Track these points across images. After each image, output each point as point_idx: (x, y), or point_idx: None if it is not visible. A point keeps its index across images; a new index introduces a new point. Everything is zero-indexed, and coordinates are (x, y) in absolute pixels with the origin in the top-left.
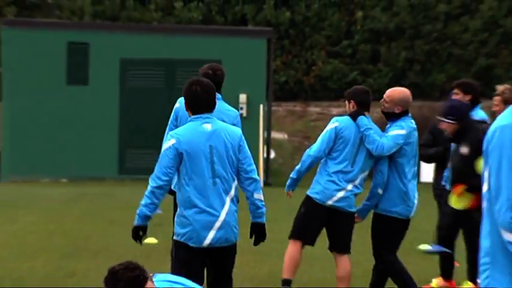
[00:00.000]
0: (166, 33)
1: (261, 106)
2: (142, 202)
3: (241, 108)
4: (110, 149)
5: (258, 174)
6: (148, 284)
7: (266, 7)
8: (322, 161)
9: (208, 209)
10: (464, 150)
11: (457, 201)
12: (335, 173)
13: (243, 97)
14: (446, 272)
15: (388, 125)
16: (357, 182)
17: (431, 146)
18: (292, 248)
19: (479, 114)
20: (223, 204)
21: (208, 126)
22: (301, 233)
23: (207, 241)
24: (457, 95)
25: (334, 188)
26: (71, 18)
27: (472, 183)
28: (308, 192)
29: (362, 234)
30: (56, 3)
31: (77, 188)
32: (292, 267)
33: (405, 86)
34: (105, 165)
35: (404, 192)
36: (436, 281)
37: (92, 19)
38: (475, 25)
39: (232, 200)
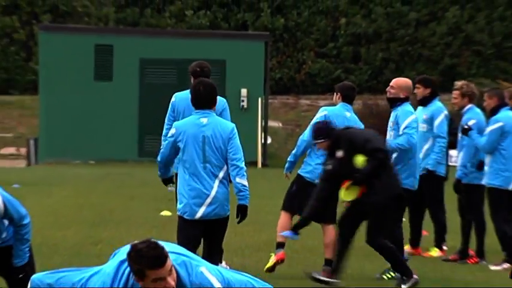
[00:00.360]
0: (179, 37)
1: (259, 99)
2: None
3: (243, 101)
4: (131, 135)
5: (256, 158)
6: (168, 261)
7: (264, 15)
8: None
9: (199, 188)
10: (339, 154)
11: (347, 194)
12: (323, 155)
13: (244, 91)
14: (414, 241)
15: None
16: None
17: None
18: (284, 218)
19: (436, 105)
20: (212, 184)
21: (204, 120)
22: (292, 206)
23: (199, 214)
24: (419, 89)
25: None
26: (97, 24)
27: (355, 177)
28: (299, 172)
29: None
30: (85, 11)
31: (103, 168)
32: None
33: (381, 83)
34: (126, 149)
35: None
36: (405, 248)
37: (116, 25)
38: (441, 30)
39: (221, 181)
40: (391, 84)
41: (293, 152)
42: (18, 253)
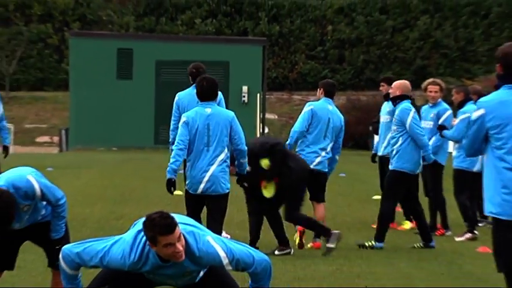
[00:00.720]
0: (189, 42)
1: (258, 95)
2: (170, 161)
3: (244, 97)
4: (148, 125)
5: None
6: (177, 229)
7: (262, 23)
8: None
9: (200, 167)
10: (248, 169)
11: (267, 192)
12: (312, 144)
13: (245, 88)
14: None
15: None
16: (328, 149)
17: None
18: None
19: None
20: (211, 165)
21: (208, 110)
22: None
23: (199, 190)
24: (383, 87)
25: (313, 156)
26: (119, 31)
27: (267, 176)
28: None
29: (332, 189)
30: (109, 19)
31: (124, 154)
32: None
33: (362, 81)
34: (144, 138)
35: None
36: (407, 225)
37: (135, 31)
38: (414, 36)
39: (220, 163)
40: (392, 86)
41: (287, 142)
42: (56, 228)
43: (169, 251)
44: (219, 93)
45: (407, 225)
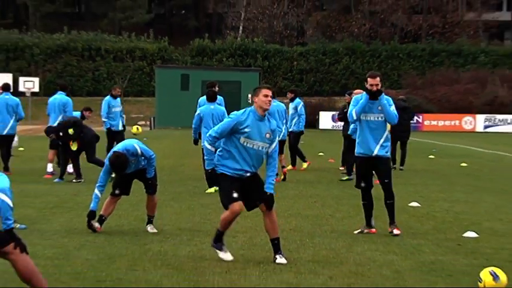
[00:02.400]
0: (219, 70)
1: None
2: (193, 132)
3: (249, 100)
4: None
5: None
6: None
7: (258, 60)
8: None
9: None
10: (70, 131)
11: (73, 146)
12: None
13: (249, 96)
14: (293, 162)
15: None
16: (283, 125)
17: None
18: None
19: (297, 101)
20: None
21: (212, 107)
22: None
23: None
24: (289, 94)
25: (278, 132)
26: (182, 64)
27: (72, 138)
28: None
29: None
30: (176, 58)
31: (184, 131)
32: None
33: (313, 92)
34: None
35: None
36: (304, 165)
37: (191, 64)
38: (340, 67)
39: None
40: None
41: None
42: (149, 171)
43: (263, 99)
44: (221, 98)
45: (289, 167)
